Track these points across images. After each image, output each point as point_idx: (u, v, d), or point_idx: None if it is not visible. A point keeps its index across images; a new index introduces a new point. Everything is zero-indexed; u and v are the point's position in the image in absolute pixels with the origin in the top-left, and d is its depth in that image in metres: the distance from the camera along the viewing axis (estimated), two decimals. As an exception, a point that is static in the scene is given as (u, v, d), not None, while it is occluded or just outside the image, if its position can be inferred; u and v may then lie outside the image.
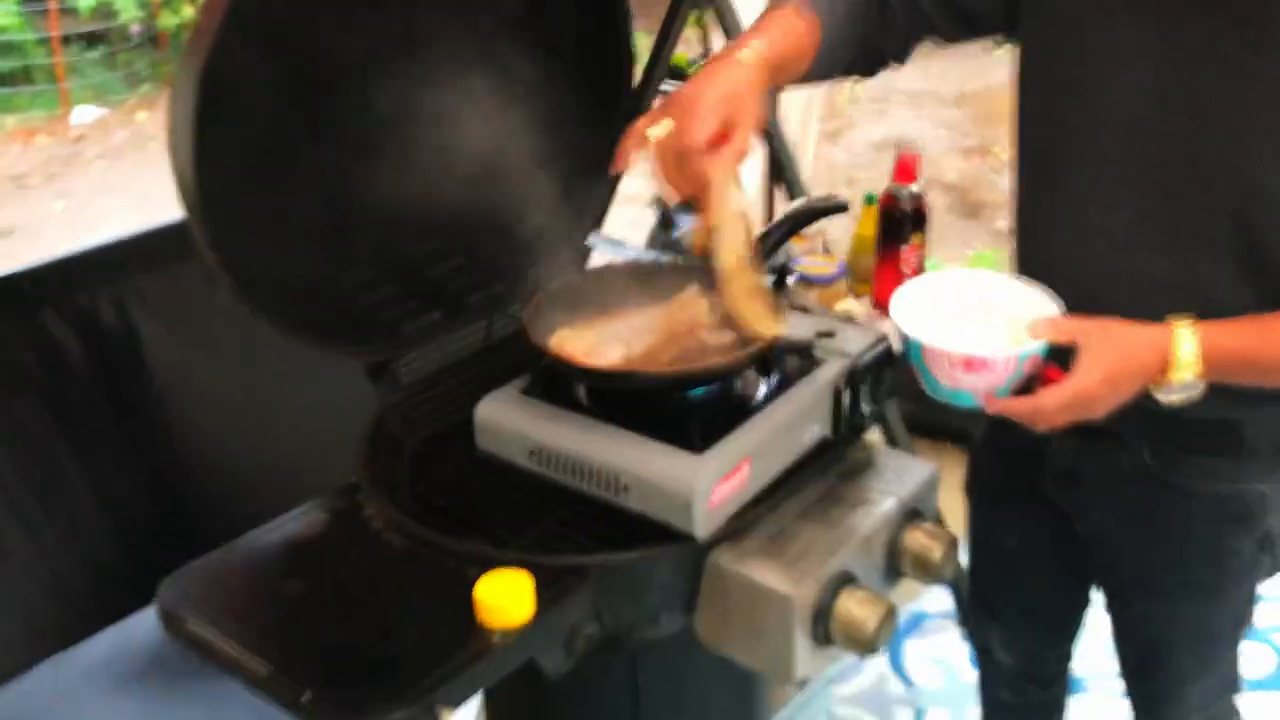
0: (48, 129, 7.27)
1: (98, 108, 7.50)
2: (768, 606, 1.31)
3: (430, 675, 1.16)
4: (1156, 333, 1.32)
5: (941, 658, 2.80)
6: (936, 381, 1.35)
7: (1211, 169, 1.35)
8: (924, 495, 1.51)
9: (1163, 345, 1.31)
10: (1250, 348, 1.33)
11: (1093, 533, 1.65)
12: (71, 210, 6.12)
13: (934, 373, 1.35)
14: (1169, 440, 1.50)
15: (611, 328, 1.53)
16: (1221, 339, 1.31)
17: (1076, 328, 1.33)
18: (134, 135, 7.23)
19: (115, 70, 7.82)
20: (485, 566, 1.28)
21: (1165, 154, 1.38)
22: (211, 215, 1.33)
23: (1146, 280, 1.42)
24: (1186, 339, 1.30)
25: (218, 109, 1.27)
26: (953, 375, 1.33)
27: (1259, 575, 1.58)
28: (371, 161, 1.63)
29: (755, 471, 1.38)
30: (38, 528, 2.04)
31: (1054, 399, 1.31)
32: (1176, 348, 1.30)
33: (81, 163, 6.80)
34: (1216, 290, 1.39)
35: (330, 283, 1.58)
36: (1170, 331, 1.31)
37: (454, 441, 1.52)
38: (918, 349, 1.34)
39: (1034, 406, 1.33)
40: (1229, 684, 1.68)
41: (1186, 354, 1.30)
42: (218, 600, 1.30)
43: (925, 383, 1.38)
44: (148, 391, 2.17)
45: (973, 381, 1.33)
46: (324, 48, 1.48)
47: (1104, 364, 1.30)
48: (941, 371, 1.34)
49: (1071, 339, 1.32)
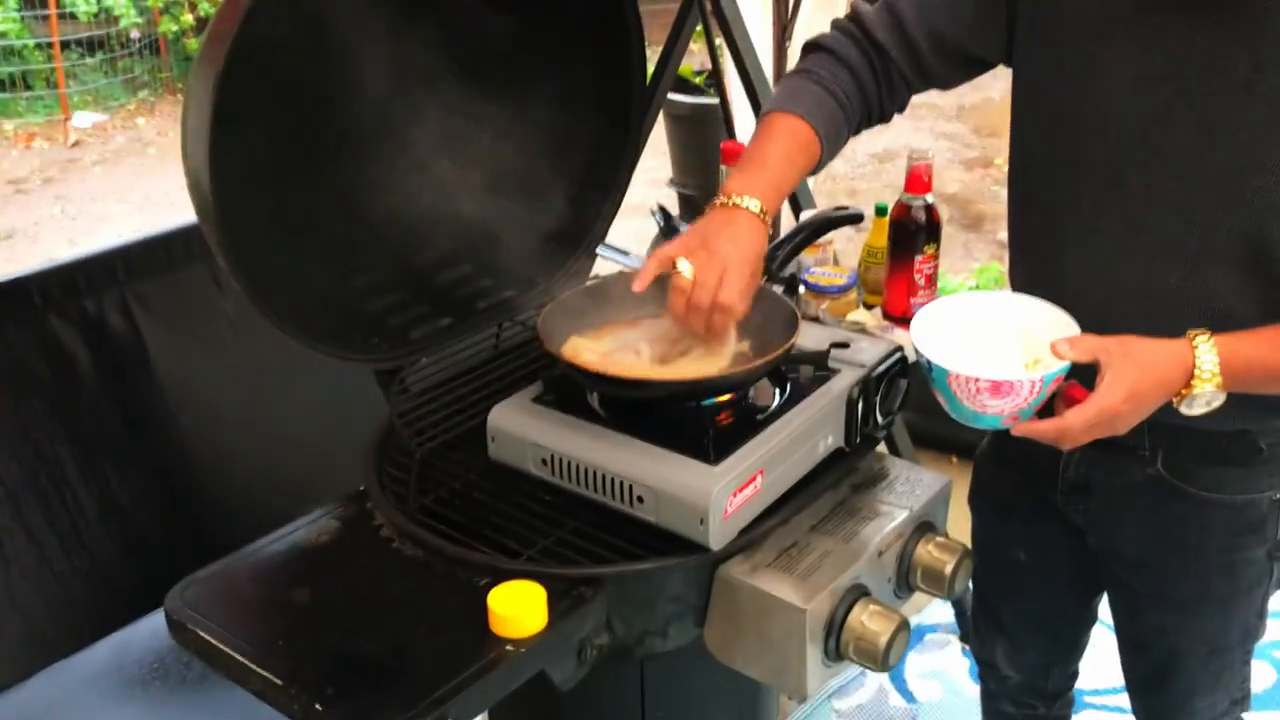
0: (47, 134, 7.26)
1: (97, 113, 7.50)
2: (780, 619, 1.30)
3: (443, 686, 1.15)
4: (1176, 346, 1.33)
5: (942, 672, 2.79)
6: (960, 404, 1.36)
7: (1222, 186, 1.35)
8: (936, 508, 1.50)
9: (1184, 358, 1.32)
10: (1267, 356, 1.33)
11: (1105, 545, 1.65)
12: (69, 214, 6.11)
13: (958, 397, 1.35)
14: (1182, 450, 1.50)
15: (624, 335, 1.53)
16: (1240, 348, 1.32)
17: (1098, 346, 1.33)
18: (133, 140, 7.23)
19: (115, 76, 7.82)
20: (497, 576, 1.28)
21: (1175, 173, 1.38)
22: (225, 220, 1.32)
23: (1155, 293, 1.43)
24: (1206, 350, 1.31)
25: (233, 114, 1.27)
26: (978, 400, 1.34)
27: (1270, 586, 1.58)
28: (383, 169, 1.63)
29: (769, 482, 1.37)
30: (41, 535, 2.03)
31: (1080, 418, 1.31)
32: (1198, 359, 1.31)
33: (80, 167, 6.79)
34: (1224, 301, 1.39)
35: (341, 288, 1.58)
36: (1190, 344, 1.32)
37: (465, 449, 1.52)
38: (943, 374, 1.35)
39: (1060, 427, 1.33)
40: (1238, 698, 1.67)
41: (1208, 365, 1.31)
42: (226, 608, 1.29)
43: (949, 406, 1.38)
44: (153, 398, 2.17)
45: (998, 405, 1.34)
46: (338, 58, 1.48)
47: (1127, 381, 1.31)
48: (966, 396, 1.34)
49: (1093, 358, 1.32)
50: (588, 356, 1.46)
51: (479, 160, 1.74)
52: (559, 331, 1.50)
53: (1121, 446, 1.47)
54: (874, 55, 1.55)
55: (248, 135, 1.34)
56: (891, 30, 1.54)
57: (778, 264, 1.58)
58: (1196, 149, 1.36)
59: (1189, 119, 1.36)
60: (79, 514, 2.08)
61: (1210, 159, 1.35)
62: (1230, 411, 1.37)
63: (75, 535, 2.07)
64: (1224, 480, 1.50)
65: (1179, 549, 1.56)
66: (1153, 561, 1.60)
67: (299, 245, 1.52)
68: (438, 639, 1.24)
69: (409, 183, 1.66)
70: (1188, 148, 1.36)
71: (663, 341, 1.50)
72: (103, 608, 2.08)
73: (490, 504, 1.44)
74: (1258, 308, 1.38)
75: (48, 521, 2.04)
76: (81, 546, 2.08)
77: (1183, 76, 1.35)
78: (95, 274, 2.10)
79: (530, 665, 1.23)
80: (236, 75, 1.26)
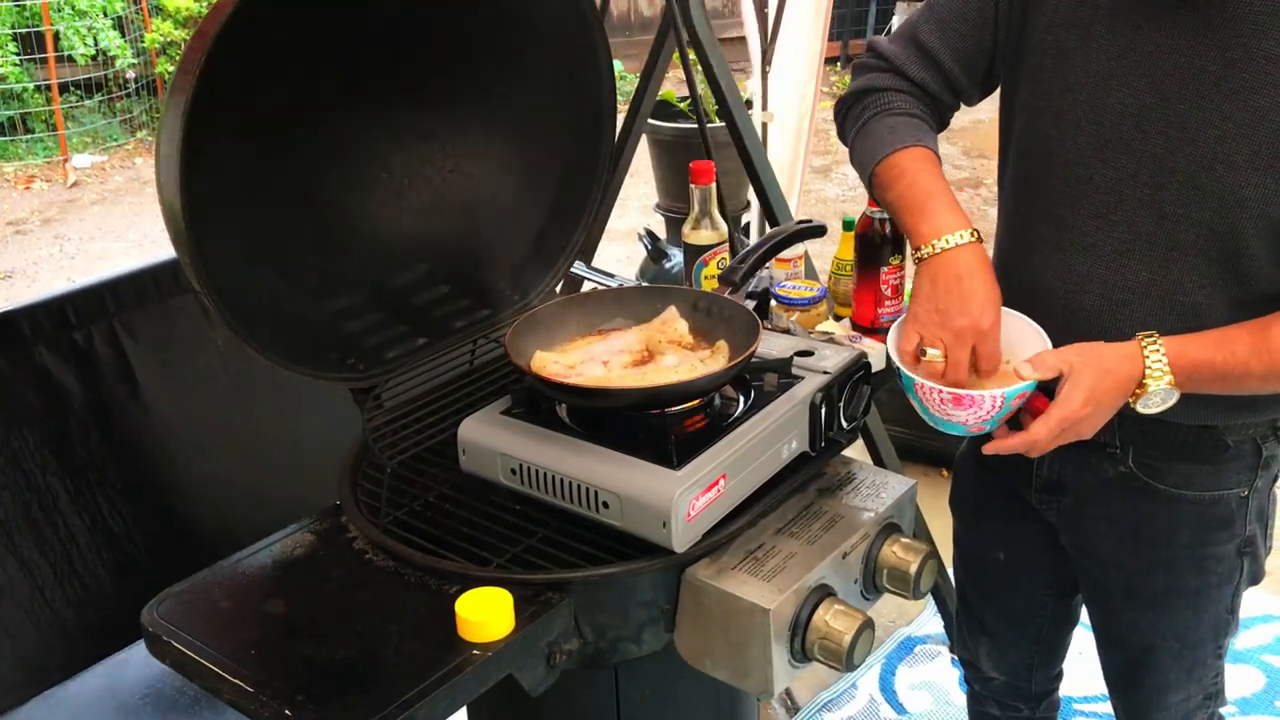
0: (46, 175, 7.34)
1: (95, 154, 7.57)
2: (745, 620, 1.33)
3: (411, 690, 1.17)
4: (1127, 348, 1.39)
5: (932, 682, 2.80)
6: (929, 412, 1.43)
7: (1191, 181, 1.39)
8: (902, 509, 1.53)
9: (1135, 358, 1.38)
10: (1213, 356, 1.38)
11: (1079, 543, 1.67)
12: (68, 254, 6.17)
13: (927, 405, 1.43)
14: (1152, 448, 1.54)
15: (591, 349, 1.56)
16: (1187, 349, 1.38)
17: (1059, 361, 1.40)
18: (131, 179, 7.30)
19: (113, 116, 7.90)
20: (466, 584, 1.31)
21: (1146, 168, 1.42)
22: (198, 243, 1.35)
23: (1125, 287, 1.47)
24: (1155, 350, 1.38)
25: (205, 142, 1.30)
26: (943, 409, 1.41)
27: (1240, 582, 1.60)
28: (360, 193, 1.66)
29: (732, 486, 1.40)
30: (33, 564, 2.05)
31: (1044, 428, 1.39)
32: (1147, 359, 1.38)
33: (79, 207, 6.86)
34: (1192, 296, 1.43)
35: (317, 310, 1.60)
36: (1139, 345, 1.38)
37: (437, 462, 1.55)
38: (910, 383, 1.42)
39: (1027, 441, 1.41)
40: (1211, 693, 1.69)
41: (1156, 361, 1.37)
42: (201, 621, 1.31)
43: (920, 411, 1.45)
44: (143, 427, 2.19)
45: (962, 416, 1.41)
46: (311, 86, 1.52)
47: (1084, 386, 1.38)
48: (933, 405, 1.42)
49: (1056, 373, 1.39)
50: (554, 369, 1.49)
51: (455, 183, 1.78)
52: (526, 346, 1.53)
53: (1092, 444, 1.52)
54: (914, 90, 1.59)
55: (220, 162, 1.37)
56: (925, 66, 1.57)
57: (740, 276, 1.61)
58: (1167, 145, 1.40)
59: (1160, 116, 1.39)
60: (70, 542, 2.10)
61: (1180, 155, 1.39)
62: (1195, 408, 1.42)
63: (67, 563, 2.09)
64: (1192, 477, 1.54)
65: (1149, 545, 1.59)
66: (1124, 558, 1.63)
67: (275, 268, 1.56)
68: (407, 646, 1.26)
69: (385, 205, 1.69)
70: (1158, 144, 1.40)
71: (628, 353, 1.54)
72: (95, 635, 2.10)
73: (462, 514, 1.47)
74: (1226, 302, 1.42)
75: (40, 550, 2.06)
76: (73, 574, 2.11)
77: (1155, 74, 1.39)
78: (84, 306, 2.12)
79: (497, 669, 1.25)
80: (207, 104, 1.29)
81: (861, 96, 1.61)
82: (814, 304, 1.93)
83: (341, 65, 1.56)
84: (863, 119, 1.58)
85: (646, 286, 1.70)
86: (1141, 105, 1.41)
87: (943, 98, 1.60)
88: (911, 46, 1.58)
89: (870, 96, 1.59)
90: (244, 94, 1.39)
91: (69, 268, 5.95)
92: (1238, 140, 1.35)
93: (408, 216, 1.71)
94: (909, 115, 1.56)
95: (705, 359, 1.51)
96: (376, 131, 1.68)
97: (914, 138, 1.52)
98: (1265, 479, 1.56)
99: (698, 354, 1.53)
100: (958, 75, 1.58)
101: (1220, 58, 1.35)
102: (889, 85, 1.58)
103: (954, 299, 1.41)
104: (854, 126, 1.60)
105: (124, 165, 7.56)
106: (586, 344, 1.58)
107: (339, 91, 1.57)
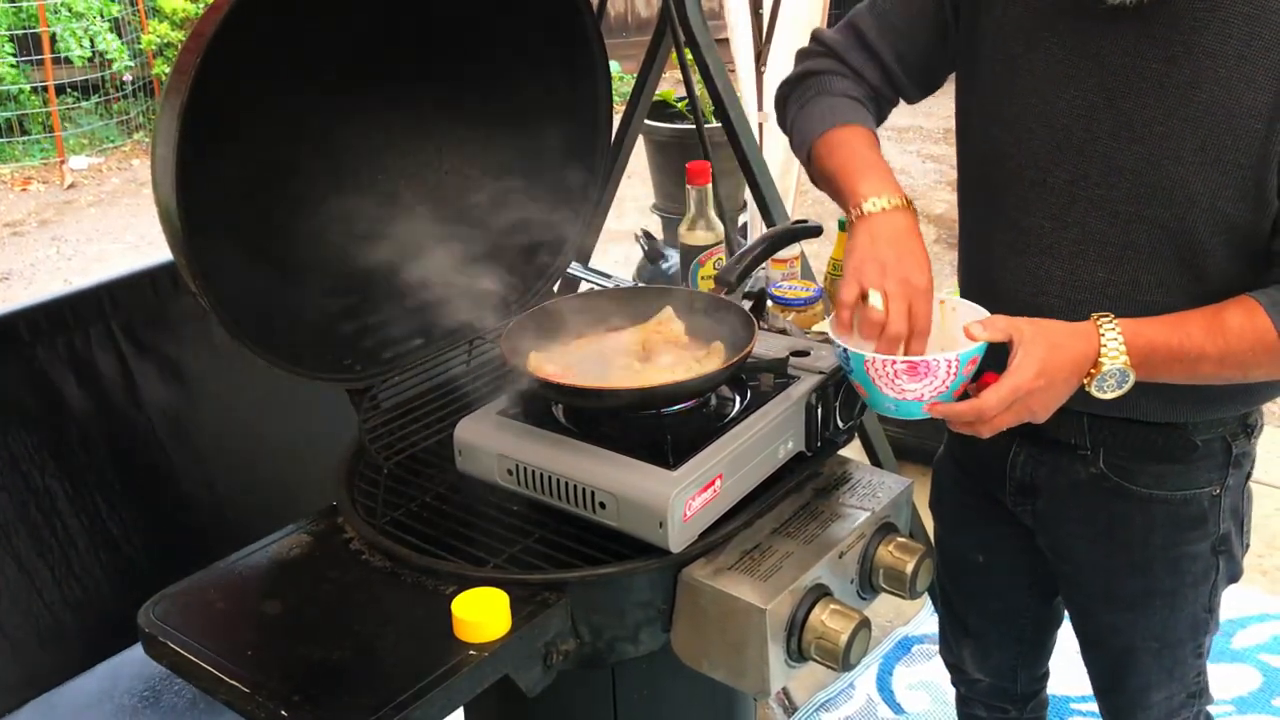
0: (43, 176, 7.34)
1: (92, 155, 7.57)
2: (741, 620, 1.33)
3: (407, 691, 1.18)
4: (1083, 326, 1.37)
5: (930, 682, 2.80)
6: (881, 395, 1.38)
7: (1141, 179, 1.40)
8: (898, 509, 1.53)
9: (1089, 334, 1.36)
10: (1169, 337, 1.36)
11: (1054, 545, 1.68)
12: (65, 255, 6.17)
13: (878, 385, 1.37)
14: (1122, 449, 1.54)
15: (587, 349, 1.56)
16: (1143, 329, 1.36)
17: (1010, 325, 1.36)
18: (128, 181, 7.30)
19: (110, 118, 7.90)
20: (463, 584, 1.31)
21: (1097, 168, 1.43)
22: (195, 244, 1.36)
23: (1082, 288, 1.47)
24: (1110, 328, 1.36)
25: (200, 144, 1.31)
26: (896, 385, 1.36)
27: (1217, 581, 1.61)
28: (354, 193, 1.66)
29: (729, 486, 1.40)
30: (31, 565, 2.05)
31: (995, 396, 1.34)
32: (1102, 337, 1.35)
33: (76, 209, 6.86)
34: (1149, 294, 1.44)
35: (313, 310, 1.61)
36: (1093, 323, 1.37)
37: (434, 463, 1.55)
38: (860, 360, 1.37)
39: (976, 408, 1.35)
40: (1194, 692, 1.69)
41: (1112, 339, 1.35)
42: (198, 622, 1.31)
43: (870, 398, 1.40)
44: (141, 429, 2.19)
45: (916, 389, 1.35)
46: (305, 88, 1.52)
47: (1037, 357, 1.34)
48: (885, 381, 1.36)
49: (1006, 336, 1.36)
50: (550, 369, 1.50)
51: (451, 184, 1.78)
52: (523, 346, 1.53)
53: (1063, 446, 1.53)
54: (855, 76, 1.61)
55: (216, 164, 1.37)
56: (865, 58, 1.61)
57: (736, 277, 1.61)
58: (1116, 144, 1.41)
59: (1109, 116, 1.40)
60: (69, 544, 2.10)
61: (1128, 153, 1.40)
62: (1163, 404, 1.41)
63: (65, 565, 2.10)
64: (1164, 477, 1.54)
65: (1124, 547, 1.59)
66: (1099, 560, 1.63)
67: (271, 269, 1.56)
68: (403, 646, 1.26)
69: (381, 206, 1.69)
70: (1108, 143, 1.41)
71: (624, 353, 1.54)
72: (93, 636, 2.10)
73: (458, 515, 1.48)
74: (1185, 302, 1.42)
75: (38, 552, 2.06)
76: (72, 576, 2.11)
77: (1101, 75, 1.40)
78: (82, 308, 2.12)
79: (494, 670, 1.25)
80: (202, 106, 1.30)
81: (803, 78, 1.64)
82: (810, 304, 1.94)
83: (337, 66, 1.57)
84: (804, 99, 1.61)
85: (643, 287, 1.70)
86: (1090, 106, 1.42)
87: (882, 90, 1.63)
88: (852, 35, 1.62)
89: (811, 79, 1.63)
90: (239, 95, 1.39)
91: (66, 269, 5.95)
92: (1183, 136, 1.36)
93: (403, 217, 1.71)
94: (849, 97, 1.59)
95: (701, 359, 1.52)
96: (372, 132, 1.69)
97: (856, 117, 1.56)
98: (1237, 477, 1.56)
99: (694, 354, 1.54)
100: (895, 70, 1.61)
101: (1162, 55, 1.36)
102: (830, 69, 1.62)
103: (893, 253, 1.41)
104: (795, 106, 1.63)
105: (121, 167, 7.56)
106: (583, 344, 1.58)
107: (334, 92, 1.58)
